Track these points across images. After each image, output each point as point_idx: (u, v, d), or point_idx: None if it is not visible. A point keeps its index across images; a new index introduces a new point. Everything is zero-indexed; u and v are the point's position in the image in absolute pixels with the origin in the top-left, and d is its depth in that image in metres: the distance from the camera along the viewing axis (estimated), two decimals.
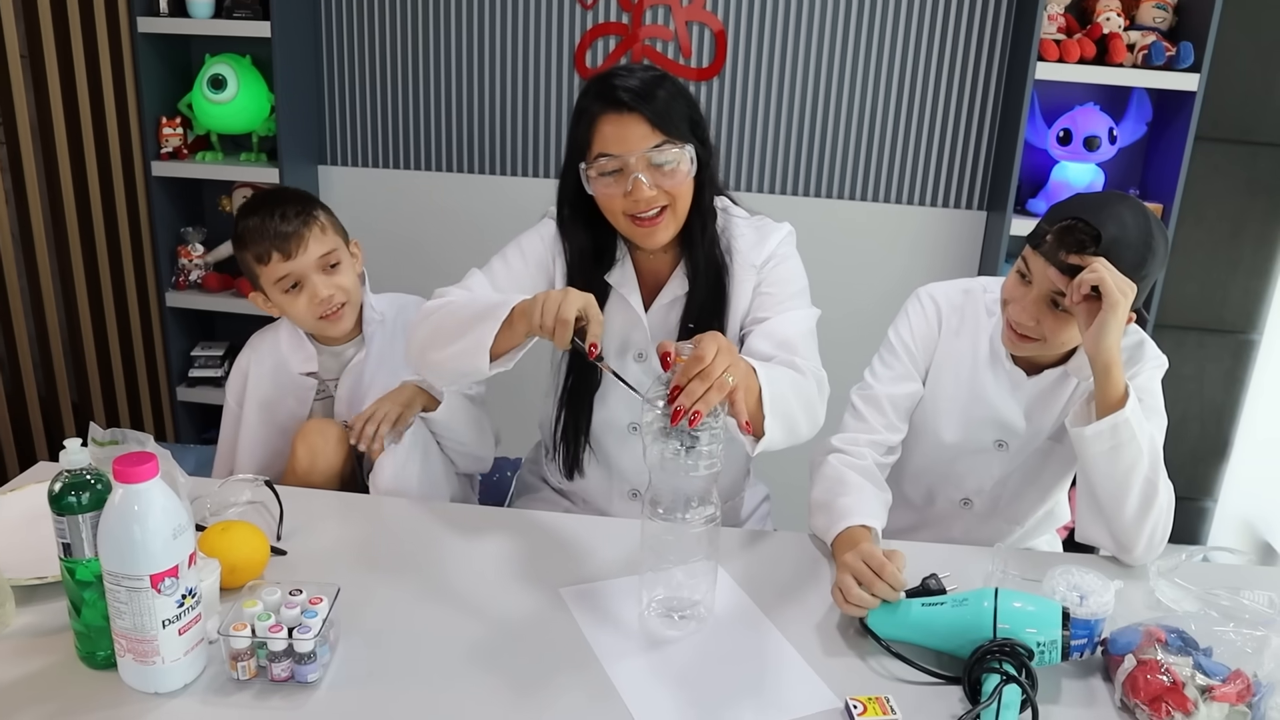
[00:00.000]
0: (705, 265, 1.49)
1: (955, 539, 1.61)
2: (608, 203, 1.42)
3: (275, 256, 1.58)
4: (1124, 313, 1.28)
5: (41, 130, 2.40)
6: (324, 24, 2.75)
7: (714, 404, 1.11)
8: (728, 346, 1.15)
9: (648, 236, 1.44)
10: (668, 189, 1.40)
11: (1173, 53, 2.27)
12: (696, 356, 1.12)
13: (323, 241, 1.62)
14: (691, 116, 1.42)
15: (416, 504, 1.52)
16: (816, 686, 1.12)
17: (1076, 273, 1.31)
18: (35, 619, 1.16)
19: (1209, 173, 2.52)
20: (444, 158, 2.83)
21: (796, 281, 1.54)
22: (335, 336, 1.69)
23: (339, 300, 1.63)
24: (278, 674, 1.06)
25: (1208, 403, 2.72)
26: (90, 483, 1.05)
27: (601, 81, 1.40)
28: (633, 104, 1.36)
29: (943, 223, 2.70)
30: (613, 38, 2.65)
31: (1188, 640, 1.12)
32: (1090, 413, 1.36)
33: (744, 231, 1.54)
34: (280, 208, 1.59)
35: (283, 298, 1.63)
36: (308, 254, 1.60)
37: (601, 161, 1.39)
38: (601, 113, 1.38)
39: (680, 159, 1.39)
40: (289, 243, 1.58)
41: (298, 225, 1.59)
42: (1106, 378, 1.32)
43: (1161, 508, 1.35)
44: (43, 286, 2.44)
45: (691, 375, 1.11)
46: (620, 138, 1.37)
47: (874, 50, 2.59)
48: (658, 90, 1.38)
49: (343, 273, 1.64)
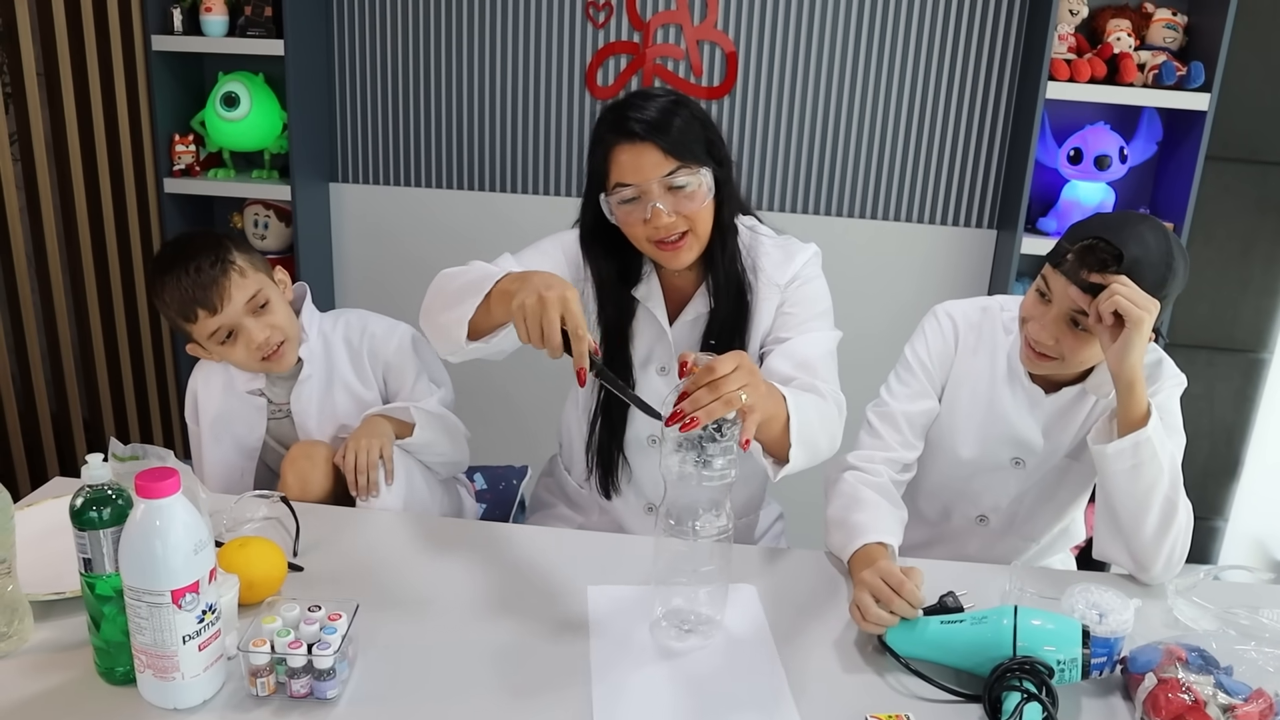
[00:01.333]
0: (726, 282, 1.50)
1: (970, 556, 1.61)
2: (630, 230, 1.44)
3: (201, 313, 1.54)
4: (1148, 330, 1.29)
5: (56, 147, 2.42)
6: (336, 42, 2.77)
7: (716, 415, 1.11)
8: (750, 368, 1.15)
9: (672, 259, 1.45)
10: (687, 214, 1.40)
11: (1183, 72, 2.28)
12: (709, 367, 1.12)
13: (245, 286, 1.56)
14: (708, 138, 1.43)
15: (433, 520, 1.52)
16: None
17: (1098, 291, 1.31)
18: (53, 634, 1.16)
19: (1219, 192, 2.52)
20: (455, 175, 2.84)
21: (820, 302, 1.54)
22: (280, 370, 1.67)
23: (276, 340, 1.59)
24: (297, 690, 1.06)
25: (1218, 422, 2.72)
26: (111, 498, 1.05)
27: (615, 110, 1.42)
28: (645, 134, 1.37)
29: (953, 241, 2.70)
30: (624, 56, 2.67)
31: (1208, 659, 1.12)
32: (1112, 430, 1.36)
33: (770, 251, 1.54)
34: (193, 260, 1.52)
35: (220, 349, 1.59)
36: (233, 303, 1.55)
37: (620, 191, 1.40)
38: (615, 143, 1.40)
39: (696, 183, 1.40)
40: (210, 296, 1.53)
41: (215, 275, 1.53)
42: (1130, 395, 1.32)
43: (1181, 526, 1.34)
44: (55, 303, 2.45)
45: (701, 384, 1.11)
46: (635, 167, 1.38)
47: (885, 69, 2.61)
48: (670, 117, 1.39)
49: (274, 310, 1.60)
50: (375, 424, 1.60)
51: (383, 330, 1.75)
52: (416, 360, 1.75)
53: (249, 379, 1.68)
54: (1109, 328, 1.31)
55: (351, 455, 1.53)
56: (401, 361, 1.74)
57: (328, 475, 1.58)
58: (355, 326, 1.75)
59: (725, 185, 1.45)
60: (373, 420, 1.62)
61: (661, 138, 1.37)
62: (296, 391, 1.67)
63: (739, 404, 1.12)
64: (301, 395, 1.67)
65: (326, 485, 1.58)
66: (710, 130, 1.44)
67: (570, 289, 1.18)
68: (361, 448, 1.54)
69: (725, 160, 1.46)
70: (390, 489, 1.55)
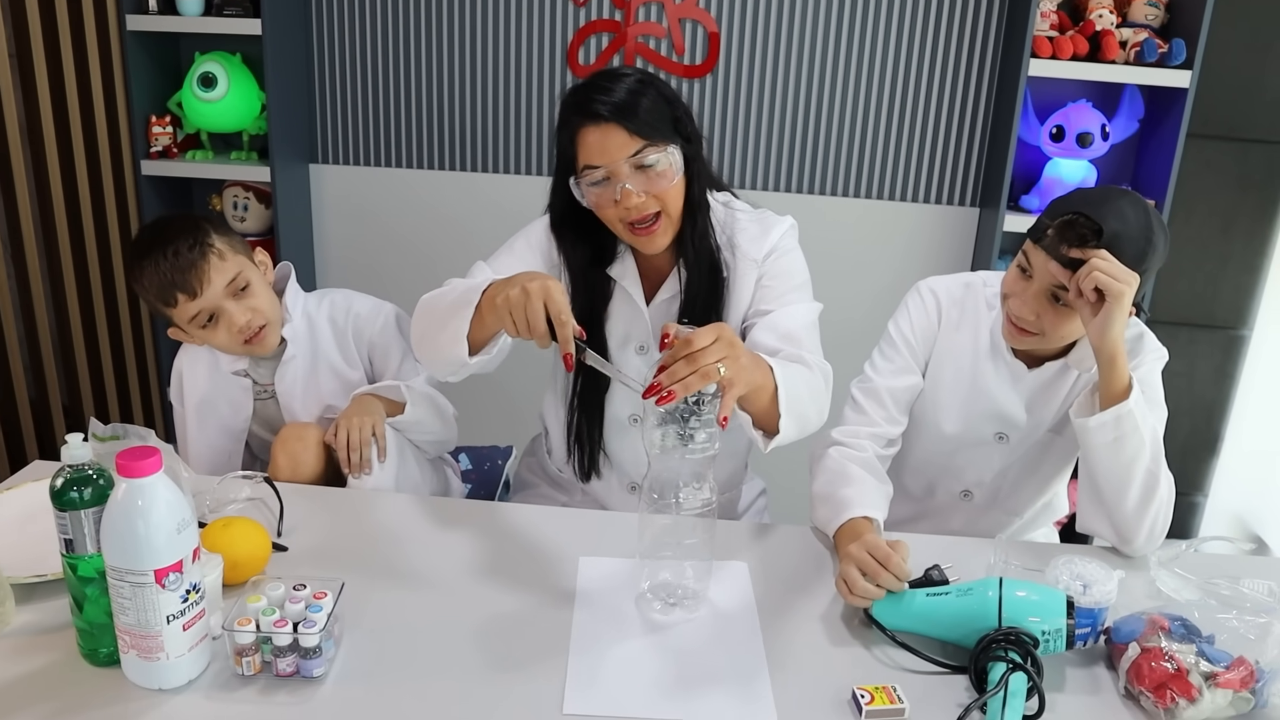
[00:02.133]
0: (699, 259, 1.49)
1: (955, 531, 1.62)
2: (602, 212, 1.43)
3: (181, 298, 1.52)
4: (1128, 304, 1.29)
5: (30, 130, 2.38)
6: (315, 21, 2.73)
7: (693, 389, 1.11)
8: (730, 340, 1.14)
9: (647, 244, 1.44)
10: (657, 193, 1.39)
11: (1165, 49, 2.28)
12: (687, 339, 1.12)
13: (224, 269, 1.55)
14: (674, 115, 1.41)
15: (417, 499, 1.51)
16: (763, 698, 1.08)
17: (1078, 266, 1.31)
18: (35, 617, 1.15)
19: (1200, 169, 2.54)
20: (437, 156, 2.82)
21: (798, 274, 1.54)
22: (263, 353, 1.66)
23: (258, 323, 1.58)
24: (283, 669, 1.05)
25: (1198, 398, 2.74)
26: (93, 478, 1.04)
27: (579, 93, 1.40)
28: (610, 115, 1.36)
29: (936, 219, 2.71)
30: (605, 35, 2.65)
31: (1191, 628, 1.13)
32: (1094, 404, 1.37)
33: (746, 226, 1.54)
34: (171, 244, 1.51)
35: (201, 333, 1.58)
36: (213, 286, 1.53)
37: (589, 173, 1.39)
38: (581, 125, 1.38)
39: (665, 161, 1.39)
40: (190, 280, 1.51)
41: (194, 259, 1.51)
42: (1111, 369, 1.33)
43: (1162, 499, 1.36)
44: (32, 288, 2.42)
45: (679, 356, 1.11)
46: (602, 148, 1.37)
47: (867, 47, 2.60)
48: (635, 97, 1.37)
49: (255, 293, 1.59)
50: (366, 402, 1.60)
51: (367, 310, 1.74)
52: (401, 340, 1.74)
53: (234, 360, 1.67)
54: (1090, 303, 1.31)
55: (344, 433, 1.52)
56: (386, 341, 1.73)
57: (319, 457, 1.57)
58: (340, 306, 1.74)
59: (694, 161, 1.44)
60: (363, 399, 1.61)
61: (627, 118, 1.35)
62: (280, 372, 1.66)
63: (717, 377, 1.11)
64: (286, 376, 1.66)
65: (317, 467, 1.57)
66: (677, 107, 1.43)
67: (552, 279, 1.18)
68: (354, 425, 1.53)
69: (694, 137, 1.45)
70: (383, 467, 1.54)
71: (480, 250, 1.59)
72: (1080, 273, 1.30)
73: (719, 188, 1.58)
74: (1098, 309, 1.31)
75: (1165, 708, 1.06)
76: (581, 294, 1.52)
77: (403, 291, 2.82)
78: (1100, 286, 1.28)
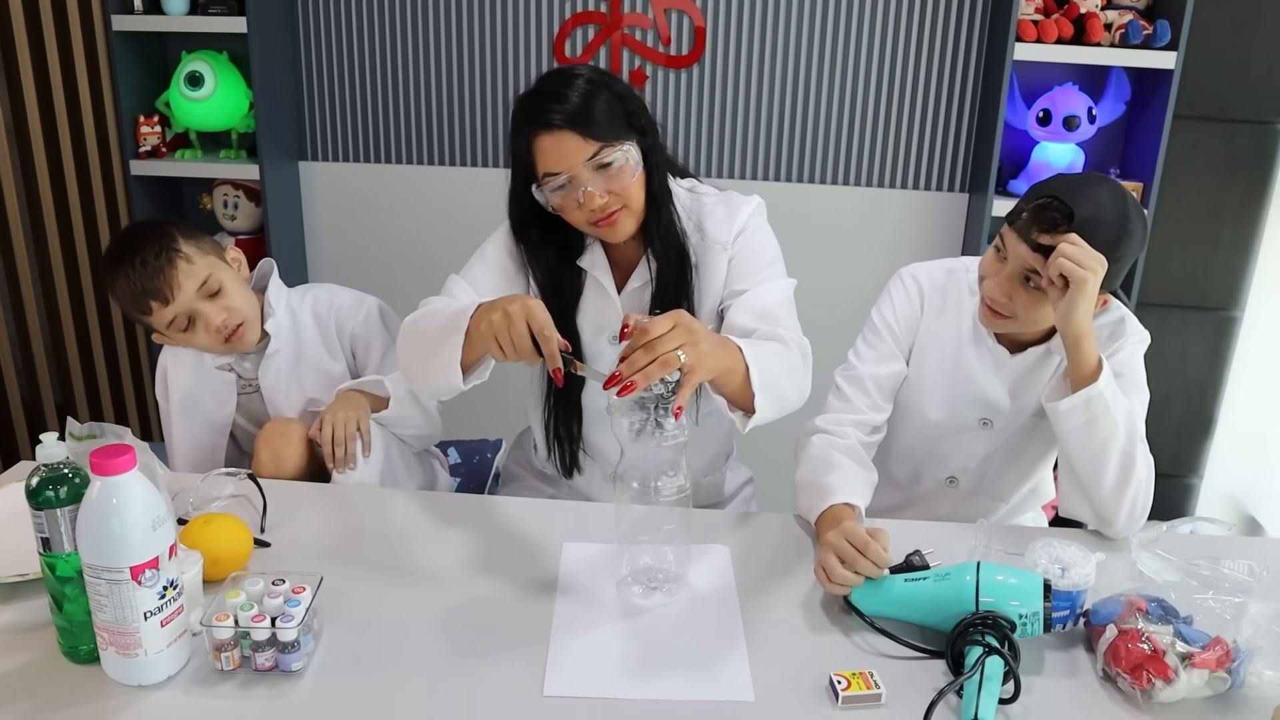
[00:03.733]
0: (666, 248, 1.49)
1: (941, 517, 1.62)
2: (567, 215, 1.43)
3: (154, 305, 1.55)
4: (1093, 288, 1.29)
5: (18, 132, 2.39)
6: (300, 18, 2.73)
7: (654, 377, 1.11)
8: (688, 326, 1.14)
9: (610, 234, 1.45)
10: (618, 190, 1.39)
11: (1149, 31, 2.28)
12: (644, 328, 1.12)
13: (193, 273, 1.56)
14: (626, 110, 1.41)
15: (401, 494, 1.52)
16: (740, 675, 1.10)
17: (1048, 251, 1.31)
18: (17, 616, 1.16)
19: (1188, 151, 2.53)
20: (425, 151, 2.82)
21: (769, 251, 1.54)
22: (244, 350, 1.67)
23: (234, 322, 1.59)
24: (261, 664, 1.06)
25: (1191, 380, 2.74)
26: (68, 477, 1.04)
27: (529, 100, 1.40)
28: (563, 123, 1.35)
29: (924, 206, 2.70)
30: (592, 27, 2.64)
31: (1168, 609, 1.13)
32: (1065, 388, 1.37)
33: (713, 209, 1.54)
34: (138, 254, 1.53)
35: (181, 336, 1.60)
36: (183, 291, 1.55)
37: (549, 180, 1.39)
38: (535, 133, 1.38)
39: (622, 158, 1.38)
40: (160, 288, 1.53)
41: (161, 266, 1.53)
42: (1078, 352, 1.33)
43: (1140, 480, 1.35)
44: (23, 289, 2.43)
45: (637, 346, 1.11)
46: (558, 155, 1.37)
47: (852, 34, 2.59)
48: (585, 99, 1.36)
49: (228, 292, 1.60)
50: (350, 398, 1.60)
51: (350, 302, 1.75)
52: (385, 332, 1.75)
53: (217, 355, 1.68)
54: (1059, 287, 1.32)
55: (328, 428, 1.53)
56: (369, 333, 1.73)
57: (302, 452, 1.58)
58: (323, 300, 1.74)
59: (652, 153, 1.44)
60: (348, 394, 1.62)
61: (580, 123, 1.35)
62: (264, 366, 1.67)
63: (677, 364, 1.11)
64: (269, 370, 1.67)
65: (301, 462, 1.57)
66: (629, 102, 1.42)
67: (532, 300, 1.19)
68: (338, 420, 1.54)
69: (649, 129, 1.44)
70: (367, 462, 1.55)
71: (470, 244, 1.59)
72: (1050, 259, 1.30)
73: (682, 174, 1.58)
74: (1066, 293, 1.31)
75: (1142, 689, 1.06)
76: (551, 290, 1.52)
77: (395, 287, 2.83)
78: (1064, 272, 1.28)
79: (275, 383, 1.68)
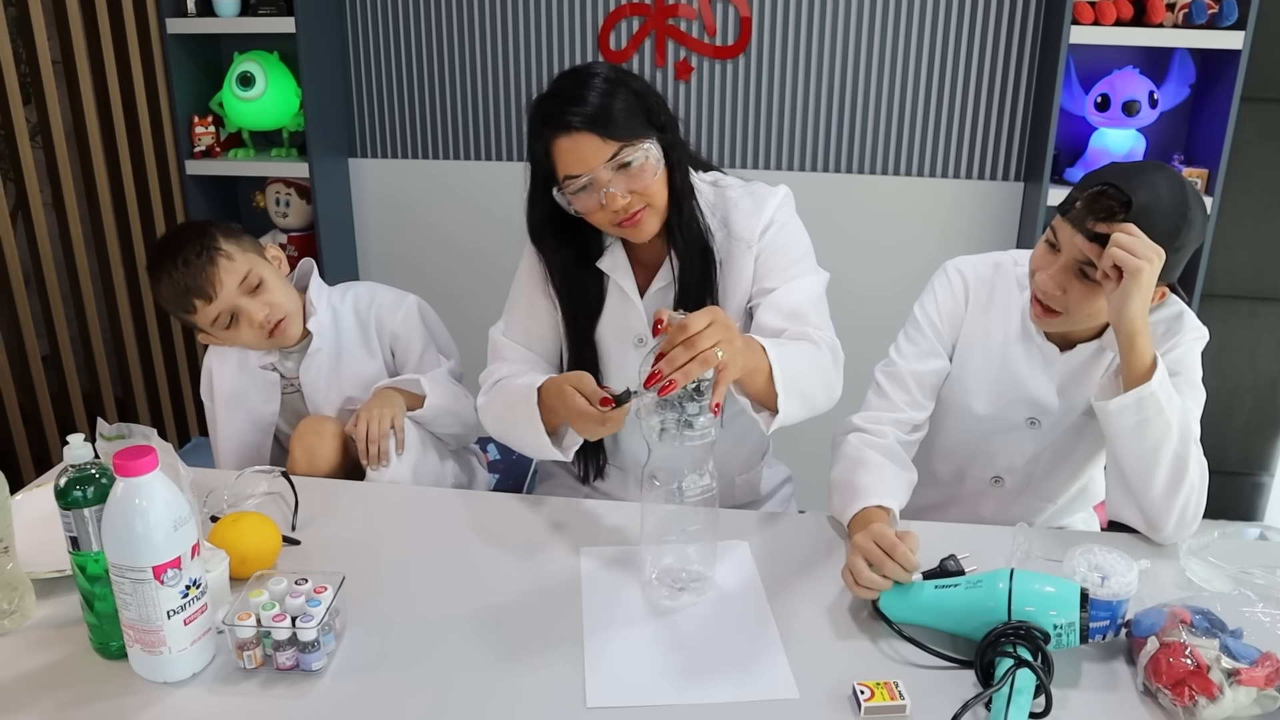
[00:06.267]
0: (689, 247, 1.46)
1: (985, 517, 1.58)
2: (590, 217, 1.41)
3: (198, 303, 1.58)
4: (1149, 279, 1.23)
5: (77, 135, 2.45)
6: (348, 16, 2.76)
7: (694, 376, 1.09)
8: (724, 323, 1.13)
9: (634, 234, 1.42)
10: (640, 190, 1.37)
11: (1215, 10, 2.18)
12: (682, 325, 1.10)
13: (234, 270, 1.59)
14: (645, 108, 1.38)
15: (432, 493, 1.53)
16: (782, 673, 1.09)
17: (1105, 241, 1.26)
18: (54, 611, 1.19)
19: (1258, 135, 2.42)
20: (473, 146, 2.83)
21: (798, 245, 1.50)
22: (287, 344, 1.70)
23: (276, 316, 1.62)
24: (282, 663, 1.07)
25: (1261, 374, 2.62)
26: (95, 477, 1.06)
27: (546, 103, 1.38)
28: (581, 125, 1.33)
29: (978, 195, 2.63)
30: (636, 19, 2.62)
31: (1214, 621, 1.07)
32: (1116, 386, 1.31)
33: (738, 202, 1.50)
34: (180, 254, 1.56)
35: (225, 334, 1.63)
36: (225, 288, 1.58)
37: (570, 182, 1.37)
38: (554, 136, 1.36)
39: (643, 157, 1.36)
40: (204, 287, 1.57)
41: (203, 265, 1.56)
42: (1131, 348, 1.27)
43: (1193, 485, 1.29)
44: (83, 288, 2.50)
45: (676, 343, 1.10)
46: (578, 158, 1.35)
47: (902, 18, 2.53)
48: (603, 99, 1.34)
49: (269, 289, 1.62)
50: (386, 395, 1.62)
51: (390, 300, 1.76)
52: (424, 331, 1.76)
53: (262, 354, 1.71)
54: (1113, 279, 1.26)
55: (363, 425, 1.55)
56: (409, 331, 1.75)
57: (336, 450, 1.59)
58: (363, 298, 1.76)
59: (673, 150, 1.41)
60: (384, 391, 1.63)
61: (599, 124, 1.33)
62: (306, 364, 1.69)
63: (715, 361, 1.10)
64: (311, 368, 1.69)
65: (334, 460, 1.59)
66: (648, 99, 1.39)
67: (569, 377, 1.28)
68: (373, 417, 1.55)
69: (668, 125, 1.41)
70: (400, 459, 1.56)
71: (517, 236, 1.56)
72: (1106, 250, 1.25)
73: (705, 167, 1.55)
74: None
75: (1184, 705, 1.01)
76: (569, 295, 1.51)
77: (443, 280, 2.86)
78: (1119, 262, 1.22)
79: (316, 380, 1.70)
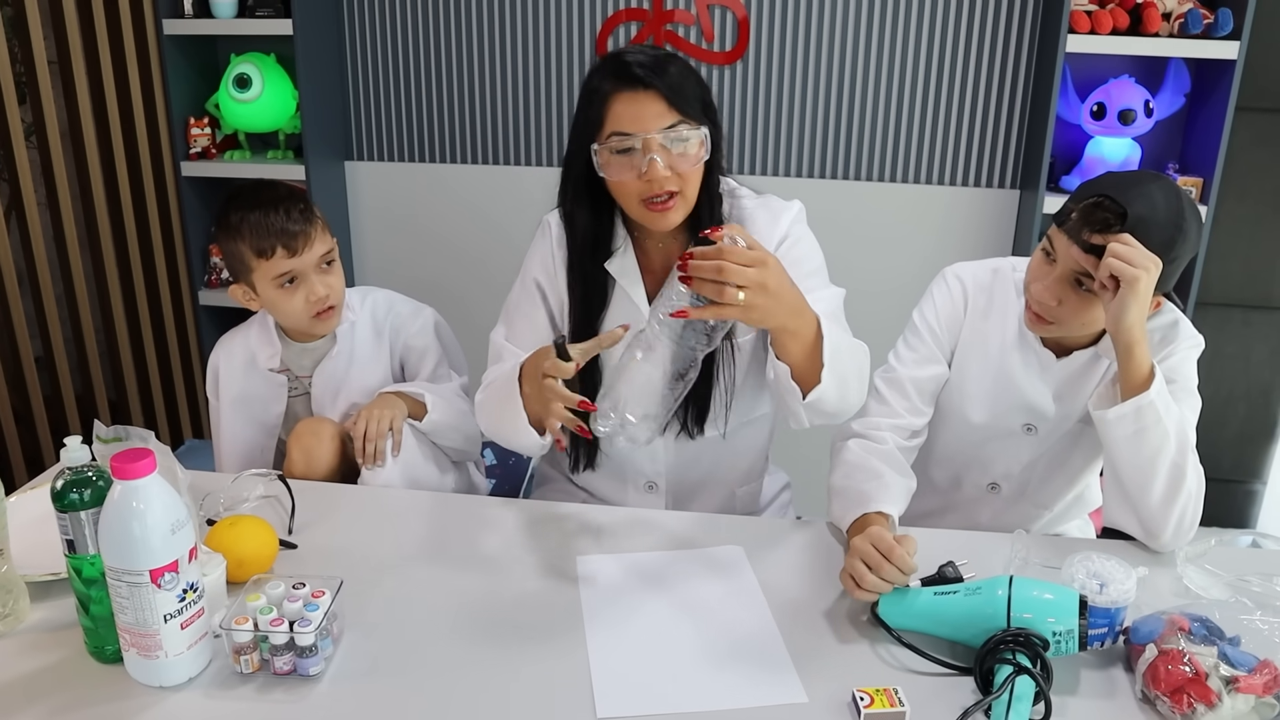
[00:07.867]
0: None
1: (982, 524, 1.58)
2: (619, 186, 1.38)
3: (280, 252, 1.57)
4: (1145, 289, 1.23)
5: (72, 135, 2.44)
6: (346, 19, 2.76)
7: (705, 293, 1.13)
8: (778, 272, 1.15)
9: (660, 220, 1.39)
10: (680, 172, 1.35)
11: (1210, 20, 2.19)
12: (731, 249, 1.12)
13: (324, 240, 1.62)
14: (704, 98, 1.38)
15: (427, 497, 1.52)
16: (788, 678, 1.09)
17: (1100, 252, 1.26)
18: (49, 614, 1.18)
19: (1252, 144, 2.43)
20: (469, 150, 2.83)
21: (813, 259, 1.50)
22: (317, 335, 1.69)
23: (332, 301, 1.63)
24: (280, 667, 1.06)
25: (1254, 382, 2.63)
26: (92, 479, 1.06)
27: (614, 59, 1.36)
28: (648, 80, 1.31)
29: (974, 202, 2.64)
30: (634, 23, 2.63)
31: (1213, 629, 1.08)
32: (1114, 395, 1.32)
33: (753, 213, 1.50)
34: (284, 204, 1.58)
35: (278, 293, 1.61)
36: (311, 252, 1.59)
37: (614, 140, 1.34)
38: (615, 90, 1.34)
39: (696, 139, 1.35)
40: (296, 240, 1.57)
41: (303, 223, 1.58)
42: (1129, 358, 1.27)
43: (1190, 492, 1.30)
44: (77, 289, 2.48)
45: (713, 257, 1.12)
46: (635, 115, 1.33)
47: (900, 27, 2.54)
48: (671, 68, 1.34)
49: (336, 273, 1.64)
50: (389, 398, 1.62)
51: (408, 311, 1.76)
52: (438, 345, 1.76)
53: (270, 356, 1.70)
54: (1110, 289, 1.26)
55: (363, 423, 1.55)
56: (424, 344, 1.75)
57: (334, 452, 1.59)
58: (381, 305, 1.76)
59: (716, 149, 1.41)
60: (388, 395, 1.63)
61: (664, 86, 1.32)
62: (323, 365, 1.69)
63: (732, 302, 1.12)
64: (326, 369, 1.69)
65: (332, 462, 1.59)
66: (705, 91, 1.40)
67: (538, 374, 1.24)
68: (374, 417, 1.56)
69: (719, 124, 1.42)
70: (395, 462, 1.55)
71: (514, 243, 1.57)
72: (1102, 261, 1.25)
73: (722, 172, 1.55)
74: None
75: (1182, 713, 1.01)
76: (579, 285, 1.49)
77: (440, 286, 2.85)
78: (1115, 273, 1.23)
79: (328, 383, 1.70)
